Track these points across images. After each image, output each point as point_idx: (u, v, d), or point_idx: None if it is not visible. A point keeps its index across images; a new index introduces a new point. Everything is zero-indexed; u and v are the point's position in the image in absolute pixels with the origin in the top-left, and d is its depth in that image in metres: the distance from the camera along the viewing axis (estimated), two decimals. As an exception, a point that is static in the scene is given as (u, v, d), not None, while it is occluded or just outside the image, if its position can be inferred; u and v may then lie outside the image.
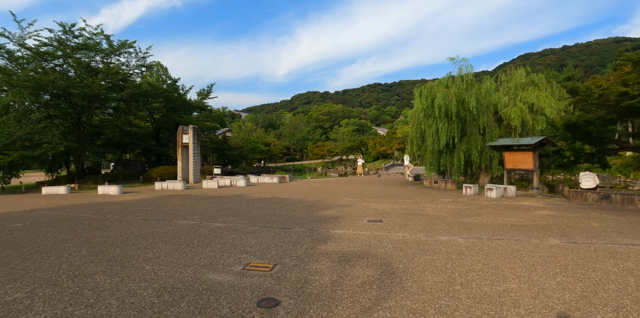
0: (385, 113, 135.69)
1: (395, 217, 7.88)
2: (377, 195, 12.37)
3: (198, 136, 21.30)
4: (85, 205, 10.98)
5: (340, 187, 15.80)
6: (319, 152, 52.35)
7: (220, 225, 7.10)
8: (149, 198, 12.56)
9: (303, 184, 17.46)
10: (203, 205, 10.12)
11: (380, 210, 8.87)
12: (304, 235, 6.13)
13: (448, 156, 15.50)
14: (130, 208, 9.93)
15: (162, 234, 6.34)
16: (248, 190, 14.73)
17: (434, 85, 15.98)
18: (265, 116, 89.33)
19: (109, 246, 5.57)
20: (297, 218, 7.75)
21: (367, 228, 6.72)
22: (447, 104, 14.56)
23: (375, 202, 10.47)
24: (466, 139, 15.08)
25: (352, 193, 13.05)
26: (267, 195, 12.61)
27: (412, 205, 9.93)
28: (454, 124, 14.84)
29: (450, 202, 10.44)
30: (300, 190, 14.38)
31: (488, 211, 8.67)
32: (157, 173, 23.16)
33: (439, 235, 6.12)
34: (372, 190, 14.32)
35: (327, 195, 12.43)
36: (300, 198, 11.72)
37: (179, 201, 11.17)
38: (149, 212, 8.99)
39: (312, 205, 9.99)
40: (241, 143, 41.87)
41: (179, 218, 7.92)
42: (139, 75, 23.74)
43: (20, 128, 18.96)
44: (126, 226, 7.20)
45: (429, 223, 7.14)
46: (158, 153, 27.52)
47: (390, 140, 45.65)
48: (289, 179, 20.42)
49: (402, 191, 13.83)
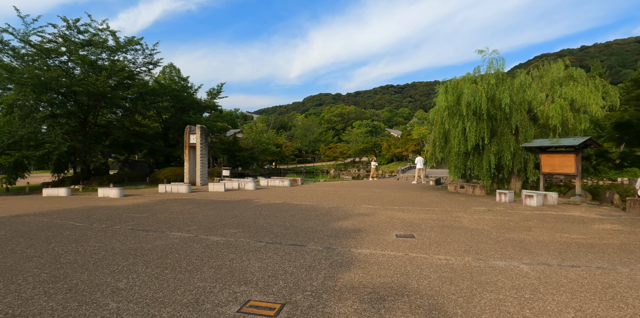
0: (398, 115, 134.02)
1: (429, 231, 6.57)
2: (400, 202, 11.05)
3: (206, 136, 20.32)
4: (78, 209, 9.97)
5: (356, 192, 14.52)
6: (332, 154, 51.06)
7: (219, 239, 5.92)
8: (149, 202, 11.51)
9: (316, 188, 16.24)
10: (204, 212, 8.98)
11: (407, 221, 7.57)
12: (321, 255, 4.89)
13: (476, 159, 14.08)
14: (124, 214, 8.86)
15: (148, 251, 5.19)
16: (257, 194, 13.58)
17: (460, 81, 14.58)
18: (277, 118, 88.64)
19: (77, 269, 4.43)
20: (310, 231, 6.52)
21: (397, 246, 5.45)
22: (476, 101, 13.16)
23: (400, 210, 9.16)
24: (496, 140, 13.64)
25: (370, 199, 11.76)
26: (277, 200, 11.42)
27: (442, 214, 8.60)
28: (484, 123, 13.42)
29: (486, 211, 9.06)
30: (313, 195, 13.16)
31: (537, 224, 7.28)
32: (163, 174, 22.28)
33: (491, 258, 4.81)
34: (392, 196, 13.00)
35: (343, 201, 11.17)
36: (314, 204, 10.49)
37: (180, 207, 10.07)
38: (142, 220, 7.88)
39: (327, 213, 8.75)
40: (252, 144, 40.95)
41: (172, 229, 6.78)
42: (147, 73, 22.96)
43: (24, 127, 18.29)
44: (109, 238, 6.08)
45: (472, 240, 5.82)
46: (166, 154, 26.71)
47: (405, 142, 44.02)
48: (300, 183, 19.23)
49: (426, 197, 12.47)
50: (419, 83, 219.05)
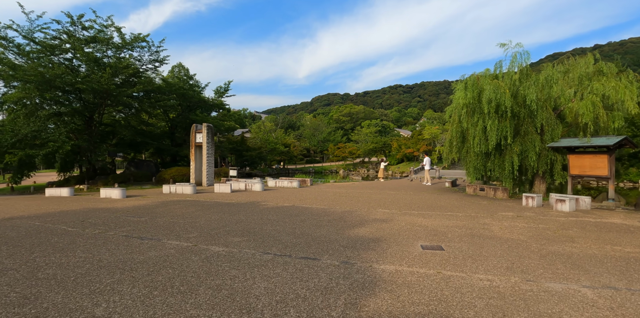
0: (407, 115, 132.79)
1: (457, 241, 5.79)
2: (417, 205, 10.26)
3: (212, 135, 19.73)
4: (75, 212, 9.39)
5: (369, 194, 13.75)
6: (341, 154, 50.26)
7: (220, 249, 5.22)
8: (151, 204, 10.90)
9: (326, 190, 15.51)
10: (207, 216, 8.31)
11: (431, 229, 6.79)
12: (338, 273, 4.16)
13: (497, 160, 13.21)
14: (122, 218, 8.23)
15: (138, 265, 4.52)
16: (264, 196, 12.90)
17: (480, 77, 13.72)
18: (285, 117, 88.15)
19: (53, 287, 3.77)
20: (324, 240, 5.79)
21: (426, 260, 4.68)
22: (498, 98, 12.30)
23: (419, 216, 8.38)
24: (520, 140, 12.77)
25: (385, 202, 10.99)
26: (286, 203, 10.71)
27: (468, 220, 7.79)
28: (506, 121, 12.55)
29: (515, 217, 8.23)
30: (324, 197, 12.43)
31: (579, 234, 6.44)
32: (169, 174, 21.76)
33: (542, 278, 4.02)
34: (407, 198, 12.20)
35: (356, 204, 10.42)
36: (325, 207, 9.76)
37: (182, 210, 9.42)
38: (140, 225, 7.24)
39: (340, 218, 8.01)
40: (260, 143, 40.38)
41: (170, 236, 6.11)
42: (153, 71, 22.48)
43: (28, 126, 17.90)
44: (99, 247, 5.43)
45: (511, 254, 5.03)
46: (172, 153, 26.21)
47: (416, 141, 43.01)
48: (310, 183, 18.51)
49: (445, 201, 11.65)
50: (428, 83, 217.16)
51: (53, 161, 21.92)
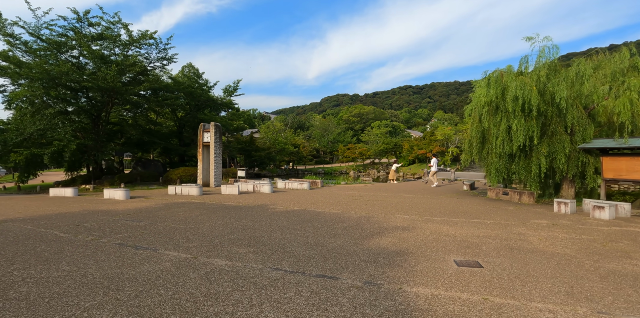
0: (417, 116, 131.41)
1: (495, 255, 5.03)
2: (439, 211, 9.47)
3: (220, 134, 19.17)
4: (73, 214, 8.85)
5: (384, 197, 12.98)
6: (350, 155, 49.38)
7: (223, 263, 4.55)
8: (154, 206, 10.32)
9: (338, 192, 14.78)
10: (212, 221, 7.67)
11: (460, 239, 6.02)
12: (362, 297, 3.44)
13: (522, 161, 12.33)
14: (120, 222, 7.64)
15: (127, 282, 3.86)
16: (273, 199, 12.24)
17: (505, 72, 12.88)
18: (295, 117, 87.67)
19: (21, 311, 3.13)
20: (341, 253, 5.07)
21: (465, 281, 3.93)
22: (524, 96, 11.44)
23: (443, 223, 7.61)
24: (547, 140, 11.87)
25: (403, 207, 10.22)
26: (296, 207, 10.02)
27: (499, 229, 6.99)
28: (533, 120, 11.67)
29: (551, 226, 7.40)
30: (337, 200, 11.72)
31: (633, 248, 5.61)
32: (176, 174, 21.29)
33: (615, 308, 3.24)
34: (426, 203, 11.41)
35: (372, 209, 9.67)
36: (339, 212, 9.04)
37: (185, 213, 8.80)
38: (138, 231, 6.62)
39: (357, 225, 7.28)
40: (269, 143, 39.82)
41: (169, 246, 5.46)
42: (161, 69, 22.03)
43: (34, 124, 17.57)
44: (87, 258, 4.80)
45: (564, 273, 4.24)
46: (180, 153, 25.74)
47: (429, 142, 41.97)
48: (320, 185, 17.80)
49: (467, 205, 10.83)
50: (438, 84, 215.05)
51: (61, 161, 21.62)
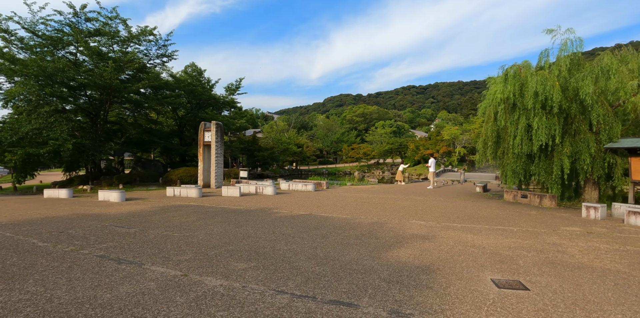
0: (421, 116, 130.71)
1: (538, 273, 4.27)
2: (456, 216, 8.71)
3: (222, 133, 18.48)
4: (61, 219, 8.17)
5: (394, 200, 12.23)
6: (355, 155, 48.64)
7: (217, 283, 3.82)
8: (148, 210, 9.62)
9: (345, 194, 14.05)
10: (209, 228, 6.95)
11: (490, 251, 5.27)
12: (391, 336, 2.70)
13: (542, 162, 11.55)
14: (109, 228, 6.94)
15: (98, 310, 3.15)
16: (277, 201, 11.53)
17: (523, 67, 12.09)
18: (298, 117, 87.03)
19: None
20: (356, 269, 4.34)
21: (515, 310, 3.19)
22: (545, 92, 10.68)
23: (465, 230, 6.86)
24: (570, 140, 11.09)
25: (416, 211, 9.47)
26: (302, 211, 9.30)
27: (530, 238, 6.23)
28: (554, 118, 10.90)
29: (585, 234, 6.63)
30: (344, 203, 10.98)
31: (695, 262, 4.84)
32: (177, 175, 20.63)
33: None
34: (440, 206, 10.65)
35: (383, 213, 8.93)
36: (348, 217, 8.31)
37: (181, 218, 8.10)
38: (126, 240, 5.92)
39: (370, 232, 6.55)
40: (272, 143, 39.14)
41: (157, 259, 4.74)
42: (161, 66, 21.40)
43: (29, 123, 16.97)
44: (60, 275, 4.10)
45: (631, 298, 3.49)
46: (181, 153, 25.08)
47: (435, 143, 41.10)
48: (325, 187, 17.07)
49: (485, 209, 10.06)
50: (442, 84, 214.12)
51: (58, 160, 21.03)
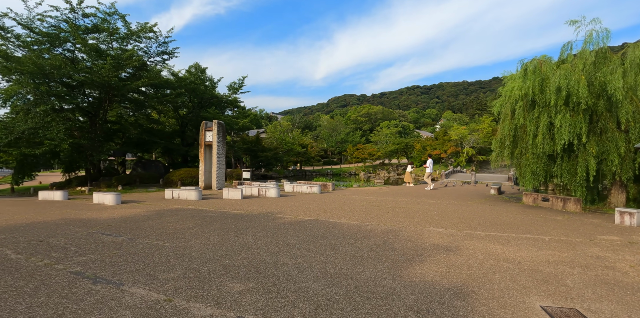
0: (425, 116, 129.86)
1: (594, 297, 3.53)
2: (476, 221, 7.96)
3: (224, 133, 17.83)
4: (46, 224, 7.53)
5: (405, 203, 11.49)
6: (360, 155, 47.85)
7: (207, 313, 3.11)
8: (143, 214, 8.97)
9: (352, 197, 13.33)
10: (205, 237, 6.27)
11: (529, 267, 4.53)
12: None
13: (565, 163, 10.76)
14: (94, 236, 6.28)
15: (51, 354, 2.46)
16: (280, 205, 10.83)
17: (544, 61, 11.32)
18: (302, 117, 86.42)
19: None
20: (375, 292, 3.62)
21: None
22: (570, 86, 9.90)
23: (491, 240, 6.11)
24: (596, 139, 10.30)
25: (431, 216, 8.73)
26: (307, 216, 8.59)
27: (566, 249, 5.49)
28: (580, 116, 10.12)
29: (629, 245, 5.87)
30: (353, 207, 10.26)
31: None
32: (178, 176, 20.02)
33: None
34: (457, 210, 9.90)
35: (396, 219, 8.20)
36: (359, 223, 7.59)
37: (176, 224, 7.42)
38: (109, 251, 5.25)
39: (385, 242, 5.83)
40: (276, 143, 38.49)
41: (139, 278, 4.05)
42: (162, 64, 20.81)
43: (25, 123, 16.43)
44: (21, 299, 3.42)
45: None
46: (182, 153, 24.47)
47: (442, 143, 40.22)
48: (331, 188, 16.35)
49: (505, 214, 9.29)
50: (447, 84, 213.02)
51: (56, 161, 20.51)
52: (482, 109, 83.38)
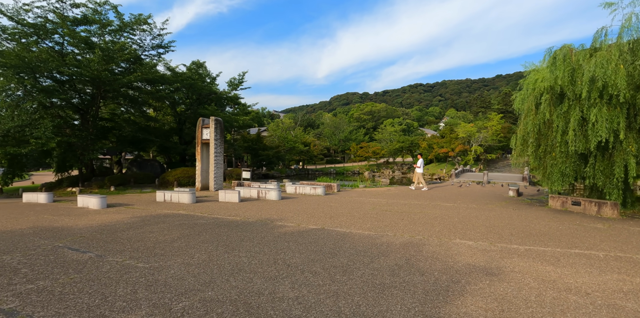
0: (429, 114, 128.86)
1: None
2: (507, 231, 6.88)
3: (222, 130, 16.79)
4: (10, 235, 6.51)
5: (420, 207, 10.42)
6: (364, 154, 46.75)
7: None
8: (126, 222, 7.94)
9: (360, 199, 12.27)
10: (189, 254, 5.22)
11: (602, 301, 3.46)
12: None
13: (599, 163, 9.66)
14: (58, 252, 5.25)
15: None
16: (281, 209, 9.79)
17: (574, 49, 10.20)
18: (304, 115, 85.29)
19: None
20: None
21: None
22: (606, 77, 8.80)
23: (534, 256, 5.04)
24: (634, 136, 9.21)
25: (454, 223, 7.66)
26: (311, 224, 7.54)
27: (635, 271, 4.41)
28: (617, 110, 9.02)
29: None
30: (362, 212, 9.21)
31: None
32: (174, 176, 19.04)
33: None
34: (480, 216, 8.82)
35: (414, 227, 7.14)
36: (372, 234, 6.53)
37: (159, 236, 6.39)
38: (68, 274, 4.22)
39: (408, 262, 4.77)
40: (278, 142, 37.44)
41: (89, 320, 3.02)
42: (157, 58, 19.77)
43: (11, 120, 15.46)
44: None
45: None
46: (179, 152, 23.42)
47: (450, 141, 38.99)
48: (337, 189, 15.28)
49: (536, 221, 8.20)
50: (450, 81, 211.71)
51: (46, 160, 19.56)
52: (486, 107, 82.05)
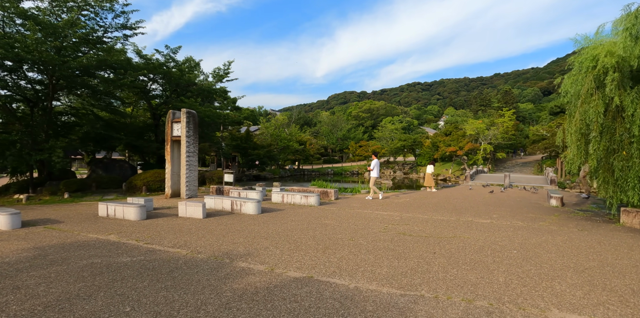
0: (427, 113, 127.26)
1: None
2: (622, 283, 4.10)
3: (195, 125, 13.93)
4: None
5: (449, 226, 7.64)
6: (363, 153, 44.02)
7: None
8: (13, 257, 5.10)
9: (364, 213, 9.48)
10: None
11: None
12: None
13: (700, 165, 6.90)
14: None
15: None
16: (255, 232, 6.99)
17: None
18: (300, 113, 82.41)
19: None
20: None
21: None
22: None
23: None
24: None
25: (519, 264, 4.91)
26: (293, 267, 4.74)
27: None
28: None
29: None
30: (370, 238, 6.43)
31: None
32: (143, 179, 16.17)
33: None
34: (543, 245, 6.06)
35: (463, 276, 4.37)
36: (395, 293, 3.74)
37: (23, 298, 3.56)
38: None
39: None
40: (270, 140, 34.57)
41: None
42: (123, 42, 16.85)
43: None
44: None
45: None
46: (152, 151, 20.41)
47: (457, 138, 36.21)
48: (334, 197, 12.48)
49: (628, 253, 5.44)
50: (448, 80, 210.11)
51: None
52: (486, 105, 79.55)
